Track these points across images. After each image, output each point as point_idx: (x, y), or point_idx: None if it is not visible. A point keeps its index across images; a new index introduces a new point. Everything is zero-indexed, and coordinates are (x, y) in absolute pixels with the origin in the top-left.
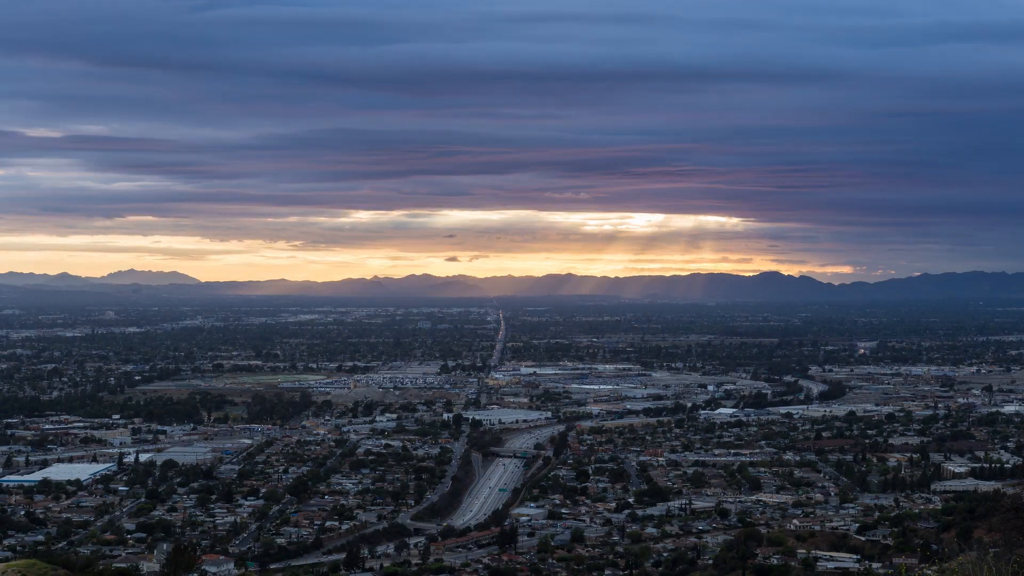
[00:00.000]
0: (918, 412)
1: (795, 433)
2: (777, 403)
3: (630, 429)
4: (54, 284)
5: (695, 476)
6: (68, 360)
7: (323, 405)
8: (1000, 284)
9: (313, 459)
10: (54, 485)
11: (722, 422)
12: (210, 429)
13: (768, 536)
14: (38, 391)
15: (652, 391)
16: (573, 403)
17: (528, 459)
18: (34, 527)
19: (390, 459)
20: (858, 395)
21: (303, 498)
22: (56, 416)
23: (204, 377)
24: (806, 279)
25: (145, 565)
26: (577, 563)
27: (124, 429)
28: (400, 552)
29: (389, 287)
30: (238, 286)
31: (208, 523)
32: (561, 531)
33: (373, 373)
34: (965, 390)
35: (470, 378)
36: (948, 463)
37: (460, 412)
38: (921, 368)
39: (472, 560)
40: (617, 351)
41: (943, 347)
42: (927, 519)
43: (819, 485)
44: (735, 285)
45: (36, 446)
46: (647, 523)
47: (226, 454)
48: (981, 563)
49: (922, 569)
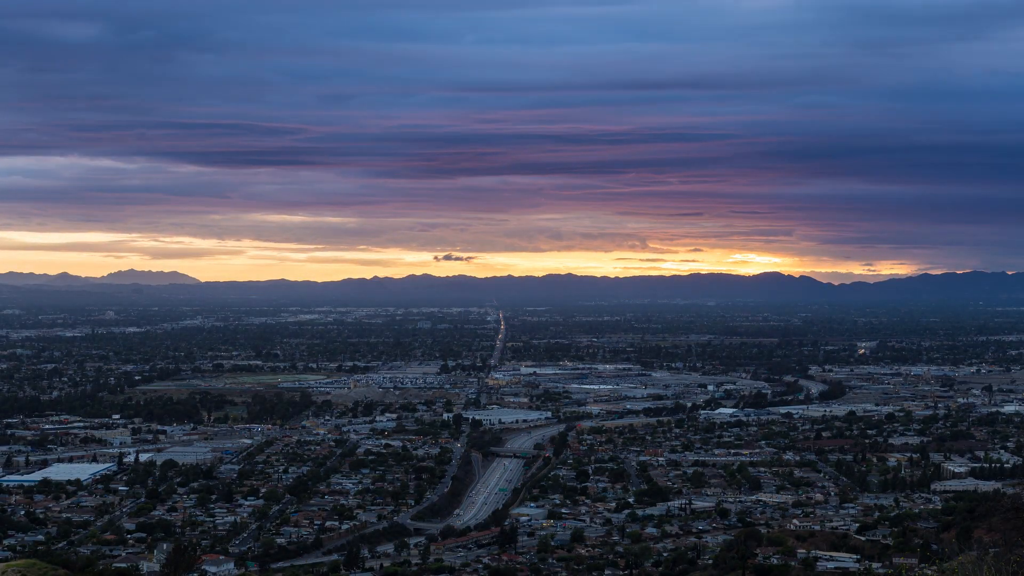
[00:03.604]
0: (918, 412)
1: (795, 433)
2: (777, 403)
3: (630, 429)
4: (54, 284)
5: (695, 476)
6: (68, 360)
7: (323, 405)
8: (1000, 284)
9: (313, 459)
10: (54, 485)
11: (722, 422)
12: (210, 429)
13: (768, 536)
14: (38, 391)
15: (652, 391)
16: (573, 403)
17: (528, 459)
18: (34, 527)
19: (390, 459)
20: (858, 395)
21: (303, 498)
22: (56, 416)
23: (204, 377)
24: (806, 279)
25: (145, 565)
26: (577, 563)
27: (124, 429)
28: (400, 552)
29: (389, 287)
30: (238, 286)
31: (208, 523)
32: (561, 531)
33: (373, 373)
34: (965, 390)
35: (470, 378)
36: (948, 463)
37: (460, 412)
38: (921, 368)
39: (472, 560)
40: (617, 351)
41: (943, 347)
42: (927, 519)
43: (819, 485)
44: (735, 285)
45: (36, 446)
46: (647, 523)
47: (226, 454)
48: (981, 563)
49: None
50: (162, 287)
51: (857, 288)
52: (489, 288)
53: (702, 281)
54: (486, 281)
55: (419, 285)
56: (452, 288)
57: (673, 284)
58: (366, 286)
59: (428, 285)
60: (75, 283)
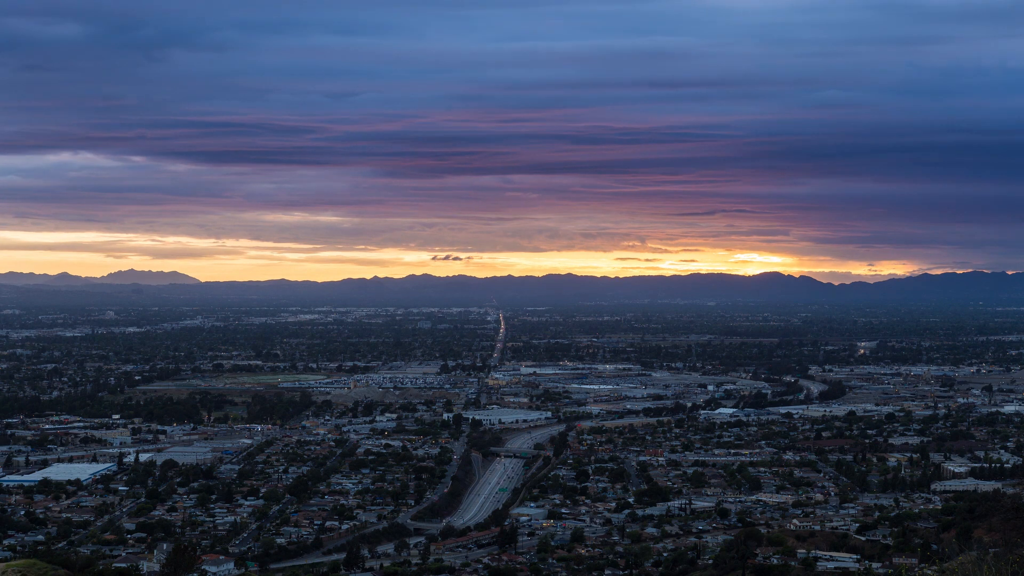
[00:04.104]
0: (918, 412)
1: (795, 433)
2: (777, 403)
3: (630, 429)
4: (54, 284)
5: (695, 476)
6: (68, 360)
7: (323, 405)
8: (1000, 284)
9: (313, 459)
10: (54, 485)
11: (722, 422)
12: (210, 429)
13: (768, 536)
14: (38, 391)
15: (652, 391)
16: (573, 403)
17: (528, 459)
18: (34, 527)
19: (390, 459)
20: (858, 395)
21: (303, 498)
22: (56, 416)
23: (204, 377)
24: (806, 279)
25: (145, 565)
26: (577, 563)
27: (124, 429)
28: (400, 552)
29: (389, 287)
30: (238, 286)
31: (208, 523)
32: (561, 531)
33: (373, 373)
34: (965, 390)
35: (470, 378)
36: (948, 463)
37: (460, 412)
38: (921, 368)
39: (472, 560)
40: (617, 351)
41: (943, 347)
42: (927, 519)
43: (819, 485)
44: (735, 285)
45: (36, 446)
46: (647, 523)
47: (226, 454)
48: (981, 563)
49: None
50: (162, 287)
51: (857, 288)
52: (489, 288)
53: (702, 281)
54: (486, 281)
55: (419, 285)
56: (452, 288)
57: (673, 284)
58: (366, 286)
59: (428, 285)
60: (75, 283)
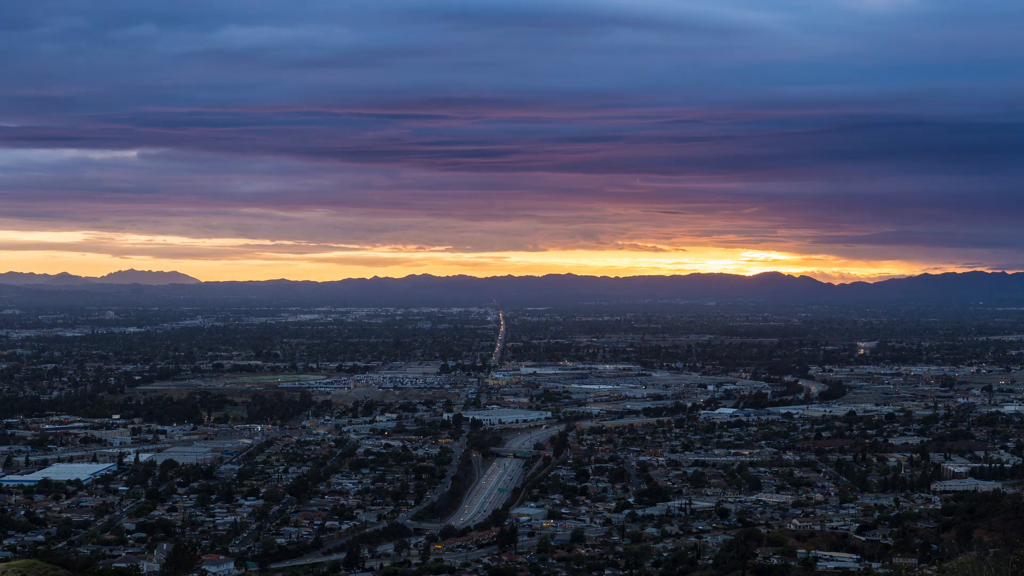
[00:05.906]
0: (918, 412)
1: (795, 433)
2: (777, 403)
3: (630, 429)
4: (54, 284)
5: (695, 476)
6: (68, 360)
7: (323, 405)
8: (1000, 284)
9: (313, 459)
10: (54, 485)
11: (722, 422)
12: (210, 429)
13: (768, 536)
14: (38, 391)
15: (652, 391)
16: (573, 403)
17: (528, 459)
18: (34, 527)
19: (390, 459)
20: (858, 395)
21: (303, 498)
22: (56, 416)
23: (204, 377)
24: (806, 279)
25: (145, 565)
26: (577, 563)
27: (124, 429)
28: (400, 552)
29: (389, 287)
30: (238, 286)
31: (208, 523)
32: (561, 531)
33: (373, 373)
34: (965, 390)
35: (470, 378)
36: (948, 463)
37: (460, 412)
38: (921, 368)
39: (472, 560)
40: (617, 351)
41: (943, 347)
42: (927, 519)
43: (819, 485)
44: (735, 285)
45: (36, 446)
46: (647, 523)
47: (226, 454)
48: (981, 563)
49: (922, 569)
50: (162, 287)
51: (857, 288)
52: (489, 288)
53: (702, 281)
54: (486, 281)
55: (419, 285)
56: (452, 288)
57: (673, 284)
58: (366, 286)
59: (428, 285)
60: (75, 283)
